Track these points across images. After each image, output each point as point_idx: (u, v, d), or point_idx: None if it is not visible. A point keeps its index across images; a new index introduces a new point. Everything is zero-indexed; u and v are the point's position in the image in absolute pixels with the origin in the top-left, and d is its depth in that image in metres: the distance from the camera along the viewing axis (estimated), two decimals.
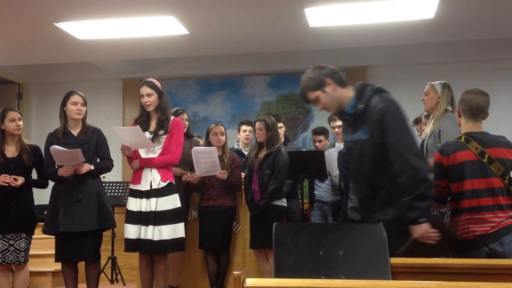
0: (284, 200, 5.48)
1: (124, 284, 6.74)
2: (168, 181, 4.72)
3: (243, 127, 6.33)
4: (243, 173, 5.69)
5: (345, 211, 5.66)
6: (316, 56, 8.22)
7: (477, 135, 3.46)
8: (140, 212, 4.66)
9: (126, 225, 4.70)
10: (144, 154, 4.77)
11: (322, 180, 6.19)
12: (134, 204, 4.70)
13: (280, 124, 6.13)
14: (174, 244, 4.67)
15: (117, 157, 5.21)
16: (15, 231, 4.96)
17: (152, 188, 4.67)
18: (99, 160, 4.93)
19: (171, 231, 4.64)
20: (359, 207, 3.34)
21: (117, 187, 7.02)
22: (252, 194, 5.45)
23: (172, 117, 4.89)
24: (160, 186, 4.68)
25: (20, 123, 5.09)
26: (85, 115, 4.94)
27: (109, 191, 6.76)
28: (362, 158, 3.20)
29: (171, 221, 4.65)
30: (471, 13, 6.01)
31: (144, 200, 4.66)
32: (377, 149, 3.07)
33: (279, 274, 2.77)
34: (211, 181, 5.49)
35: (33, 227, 5.12)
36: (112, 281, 6.84)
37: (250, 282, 2.32)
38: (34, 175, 5.19)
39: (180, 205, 4.78)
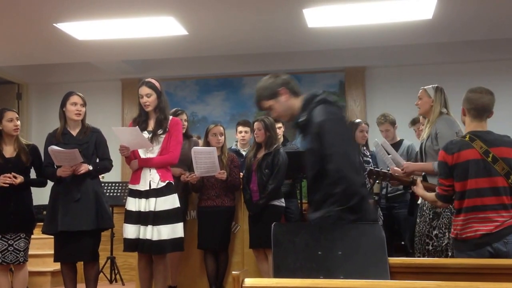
0: (283, 200, 5.48)
1: (123, 284, 6.74)
2: (167, 181, 4.73)
3: (240, 128, 6.33)
4: (241, 173, 5.71)
5: None
6: (314, 56, 8.25)
7: (482, 134, 3.46)
8: (139, 212, 4.67)
9: (125, 225, 4.71)
10: (143, 154, 4.78)
11: None
12: (133, 204, 4.71)
13: (279, 124, 6.14)
14: (173, 244, 4.68)
15: (116, 157, 5.22)
16: (14, 231, 4.96)
17: (151, 188, 4.68)
18: (98, 160, 4.94)
19: (170, 231, 4.64)
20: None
21: (116, 187, 7.02)
22: (250, 194, 5.46)
23: (171, 117, 4.90)
24: (159, 186, 4.69)
25: (18, 123, 5.09)
26: (85, 116, 4.94)
27: (108, 191, 6.75)
28: (307, 164, 3.27)
29: (170, 221, 4.66)
30: (469, 14, 6.02)
31: (143, 200, 4.67)
32: (317, 159, 3.10)
33: (277, 274, 2.78)
34: (210, 181, 5.49)
35: (32, 227, 5.12)
36: (111, 281, 6.84)
37: (249, 282, 2.33)
38: (33, 175, 5.20)
39: (179, 205, 4.78)
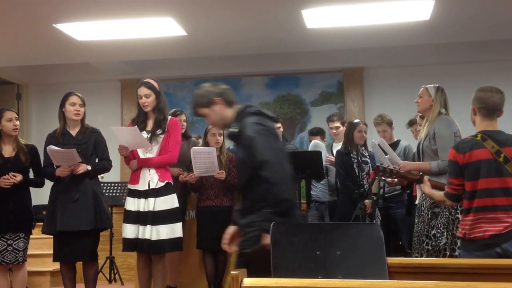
0: None
1: (122, 284, 6.75)
2: (166, 181, 4.75)
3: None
4: None
5: (340, 211, 5.71)
6: (313, 57, 8.26)
7: (493, 133, 3.42)
8: (138, 212, 4.68)
9: (124, 225, 4.72)
10: (142, 154, 4.79)
11: (318, 180, 6.21)
12: (132, 204, 4.72)
13: (278, 124, 6.14)
14: (172, 244, 4.70)
15: (116, 157, 5.23)
16: (14, 231, 4.97)
17: (150, 188, 4.69)
18: (97, 160, 4.95)
19: (169, 231, 4.66)
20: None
21: (115, 187, 7.03)
22: None
23: (169, 117, 4.92)
24: (158, 186, 4.70)
25: (17, 123, 5.10)
26: (84, 116, 4.95)
27: (107, 191, 6.76)
28: (239, 172, 3.39)
29: (169, 221, 4.67)
30: (467, 14, 6.03)
31: (142, 200, 4.68)
32: (249, 168, 3.19)
33: (276, 274, 2.79)
34: (209, 181, 5.50)
35: (31, 227, 5.13)
36: (110, 281, 6.85)
37: (248, 282, 2.33)
38: (32, 175, 5.21)
39: (178, 205, 4.80)
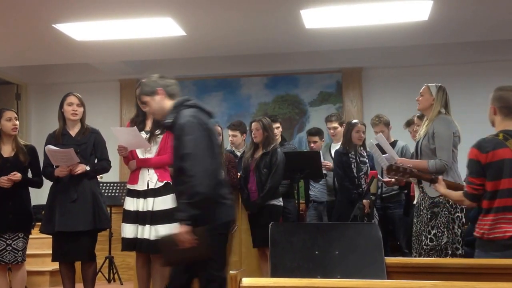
0: (281, 199, 5.51)
1: (122, 284, 6.76)
2: (165, 181, 4.74)
3: (229, 132, 6.31)
4: (238, 174, 5.74)
5: (337, 210, 5.72)
6: (311, 57, 8.27)
7: None
8: (137, 212, 4.68)
9: (123, 225, 4.72)
10: (141, 155, 4.79)
11: (317, 181, 6.22)
12: (131, 204, 4.72)
13: (277, 124, 6.16)
14: None
15: (115, 158, 5.23)
16: (13, 231, 4.97)
17: (149, 188, 4.69)
18: (96, 161, 4.96)
19: (168, 231, 4.65)
20: None
21: (114, 187, 7.04)
22: (248, 194, 5.49)
23: None
24: (157, 186, 4.70)
25: (17, 122, 5.11)
26: (83, 116, 4.96)
27: (106, 191, 6.76)
28: (173, 161, 3.57)
29: (168, 220, 4.66)
30: (465, 15, 6.04)
31: (141, 200, 4.68)
32: (178, 158, 3.37)
33: (275, 273, 2.81)
34: None
35: (31, 227, 5.14)
36: (109, 281, 6.86)
37: (247, 281, 2.35)
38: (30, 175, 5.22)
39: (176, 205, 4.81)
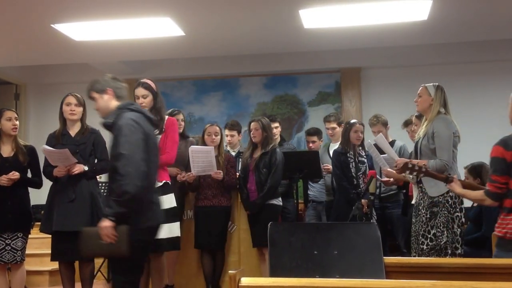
0: (280, 199, 5.51)
1: None
2: (164, 181, 4.75)
3: (226, 132, 6.26)
4: (238, 173, 5.74)
5: (335, 210, 5.72)
6: (310, 57, 8.27)
7: None
8: None
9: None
10: None
11: (315, 181, 6.22)
12: None
13: (276, 124, 6.16)
14: (170, 243, 4.71)
15: None
16: (12, 231, 4.97)
17: None
18: (96, 161, 4.95)
19: (167, 230, 4.65)
20: None
21: None
22: (247, 194, 5.49)
23: (167, 117, 4.92)
24: (156, 186, 4.71)
25: (17, 122, 5.11)
26: (84, 116, 4.96)
27: (105, 191, 6.75)
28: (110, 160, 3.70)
29: (166, 220, 4.67)
30: (464, 15, 6.04)
31: None
32: (113, 157, 3.53)
33: (274, 273, 2.81)
34: (207, 180, 5.51)
35: (30, 226, 5.14)
36: (108, 280, 6.84)
37: (245, 281, 2.35)
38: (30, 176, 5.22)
39: (175, 205, 4.81)
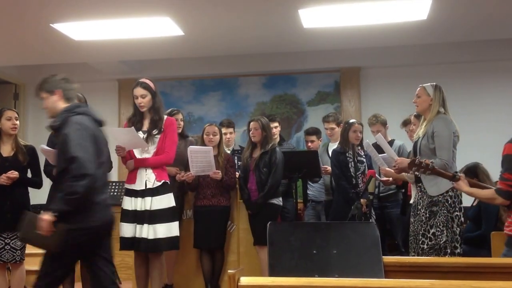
0: (280, 199, 5.52)
1: (120, 283, 6.72)
2: (163, 181, 4.76)
3: (223, 130, 6.18)
4: (238, 173, 5.73)
5: (334, 210, 5.73)
6: (310, 57, 8.26)
7: None
8: (135, 211, 4.69)
9: (121, 224, 4.73)
10: (138, 154, 4.81)
11: (314, 181, 6.22)
12: (129, 203, 4.74)
13: (275, 124, 6.16)
14: (169, 243, 4.71)
15: (113, 158, 5.22)
16: (11, 230, 4.97)
17: (147, 187, 4.71)
18: None
19: (166, 230, 4.67)
20: None
21: (113, 187, 7.04)
22: (248, 194, 5.49)
23: (165, 117, 4.93)
24: (155, 186, 4.72)
25: (17, 122, 5.11)
26: None
27: None
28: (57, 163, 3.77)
29: (165, 219, 4.69)
30: (464, 14, 6.03)
31: (139, 199, 4.69)
32: (62, 160, 3.61)
33: (273, 272, 2.81)
34: (206, 180, 5.51)
35: None
36: None
37: (245, 280, 2.35)
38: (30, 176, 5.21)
39: (174, 204, 4.82)
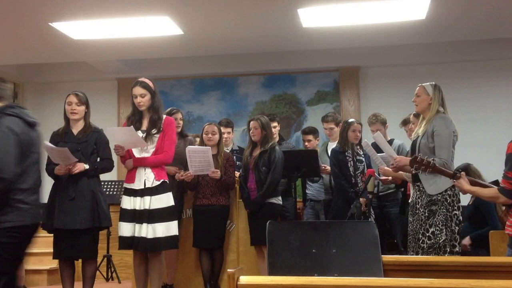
0: (280, 198, 5.52)
1: (119, 282, 6.77)
2: (162, 180, 4.76)
3: (222, 129, 6.21)
4: (237, 172, 5.74)
5: (333, 209, 5.73)
6: (309, 56, 8.27)
7: None
8: (134, 211, 4.69)
9: (121, 223, 4.73)
10: (137, 154, 4.80)
11: (314, 180, 6.23)
12: (128, 203, 4.73)
13: (274, 123, 6.16)
14: (168, 242, 4.71)
15: (112, 157, 5.24)
16: None
17: (146, 186, 4.70)
18: (99, 159, 4.95)
19: (165, 229, 4.67)
20: None
21: (112, 186, 7.05)
22: (248, 193, 5.50)
23: (164, 116, 4.92)
24: (154, 185, 4.71)
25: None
26: (87, 115, 4.95)
27: (104, 190, 6.76)
28: None
29: (164, 219, 4.69)
30: (462, 14, 6.05)
31: (138, 198, 4.69)
32: None
33: (272, 271, 2.81)
34: (205, 179, 5.51)
35: None
36: (107, 279, 6.86)
37: (244, 280, 2.35)
38: None
39: (173, 203, 4.81)
